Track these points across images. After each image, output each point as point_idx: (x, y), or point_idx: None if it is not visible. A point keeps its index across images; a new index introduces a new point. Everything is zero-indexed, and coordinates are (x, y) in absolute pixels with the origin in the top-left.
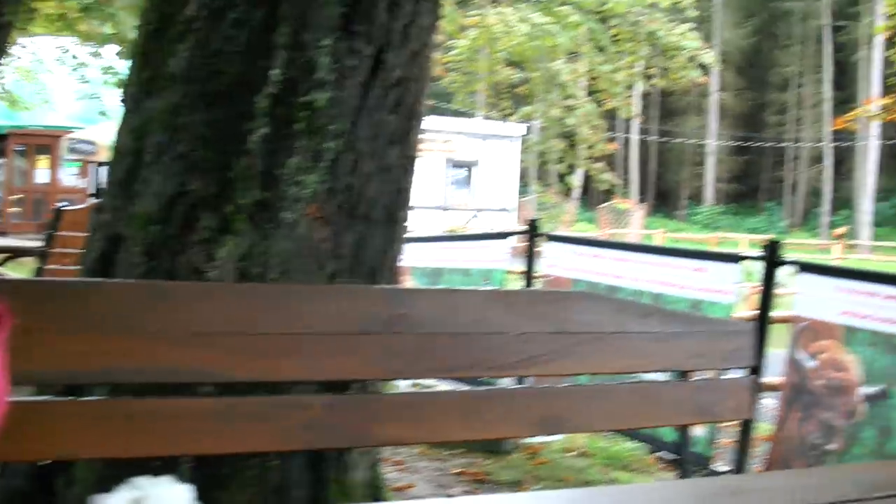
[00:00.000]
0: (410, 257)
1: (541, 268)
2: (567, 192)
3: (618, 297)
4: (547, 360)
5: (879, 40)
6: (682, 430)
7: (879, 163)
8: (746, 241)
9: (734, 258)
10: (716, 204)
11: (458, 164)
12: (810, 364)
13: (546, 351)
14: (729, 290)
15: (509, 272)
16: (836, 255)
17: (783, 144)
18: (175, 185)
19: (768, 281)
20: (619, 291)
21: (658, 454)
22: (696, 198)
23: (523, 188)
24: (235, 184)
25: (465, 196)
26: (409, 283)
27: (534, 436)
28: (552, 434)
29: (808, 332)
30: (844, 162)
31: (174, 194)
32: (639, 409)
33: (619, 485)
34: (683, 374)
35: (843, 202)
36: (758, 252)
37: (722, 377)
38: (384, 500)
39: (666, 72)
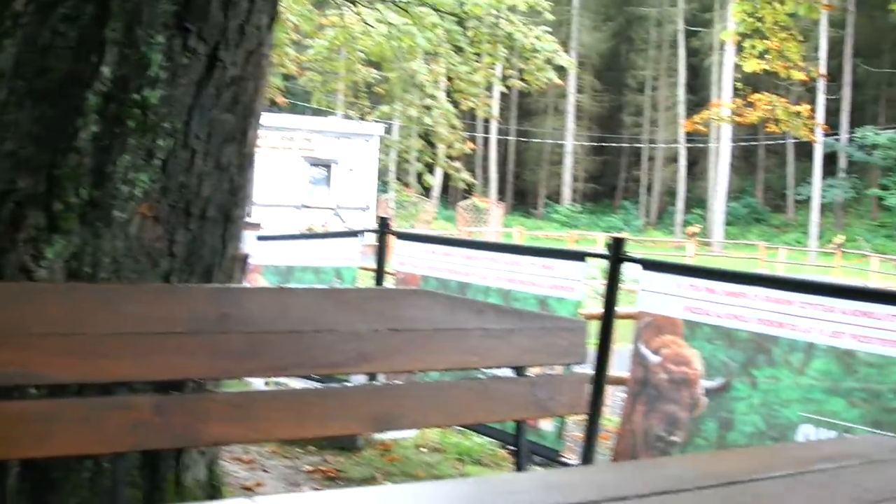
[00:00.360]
0: (263, 255)
1: (392, 265)
2: (426, 190)
3: (467, 294)
4: (380, 357)
5: (730, 46)
6: (518, 424)
7: (731, 164)
8: (603, 239)
9: (580, 256)
10: (574, 203)
11: (316, 163)
12: (654, 359)
13: (378, 348)
14: (575, 287)
15: (363, 269)
16: (691, 253)
17: (639, 145)
18: (2, 183)
19: (612, 278)
20: (468, 288)
21: (509, 448)
22: (555, 197)
23: (383, 187)
24: (65, 182)
25: (324, 194)
26: (260, 281)
27: (368, 433)
28: (386, 430)
29: (652, 327)
30: (698, 163)
31: (1, 192)
32: (474, 404)
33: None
34: (520, 370)
35: (697, 201)
36: (603, 250)
37: (562, 373)
38: (223, 498)
39: (522, 73)
